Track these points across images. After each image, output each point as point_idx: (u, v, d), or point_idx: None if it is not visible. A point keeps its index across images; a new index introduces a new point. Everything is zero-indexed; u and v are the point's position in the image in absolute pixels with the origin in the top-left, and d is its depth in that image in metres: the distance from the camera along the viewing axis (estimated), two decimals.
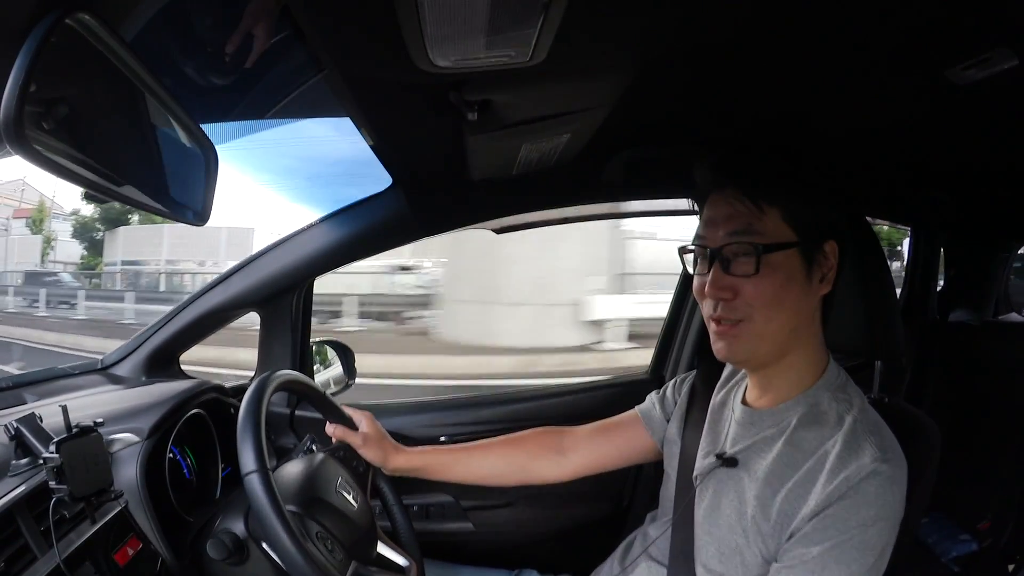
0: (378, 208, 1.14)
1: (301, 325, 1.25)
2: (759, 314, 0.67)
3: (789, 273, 0.67)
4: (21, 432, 0.70)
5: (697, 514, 0.76)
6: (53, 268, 18.12)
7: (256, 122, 0.96)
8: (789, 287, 0.67)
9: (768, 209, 0.68)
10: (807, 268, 0.68)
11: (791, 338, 0.70)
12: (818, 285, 0.70)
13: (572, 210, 1.35)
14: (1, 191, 18.52)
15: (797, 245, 0.67)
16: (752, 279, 0.67)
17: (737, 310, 0.68)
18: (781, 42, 0.74)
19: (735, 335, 0.69)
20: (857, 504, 0.62)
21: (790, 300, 0.68)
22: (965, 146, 1.14)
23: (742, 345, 0.69)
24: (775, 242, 0.67)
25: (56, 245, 19.76)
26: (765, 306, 0.67)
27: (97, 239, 19.38)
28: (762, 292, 0.67)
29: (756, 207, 0.68)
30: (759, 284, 0.67)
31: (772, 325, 0.68)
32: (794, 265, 0.68)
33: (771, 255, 0.66)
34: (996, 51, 0.71)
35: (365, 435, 0.93)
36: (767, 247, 0.66)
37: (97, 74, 0.47)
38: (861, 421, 0.68)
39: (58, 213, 20.59)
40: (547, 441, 0.97)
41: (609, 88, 0.83)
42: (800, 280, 0.68)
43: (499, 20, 0.57)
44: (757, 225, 0.67)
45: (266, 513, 0.67)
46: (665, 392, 0.95)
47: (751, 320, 0.68)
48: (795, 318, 0.69)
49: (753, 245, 0.66)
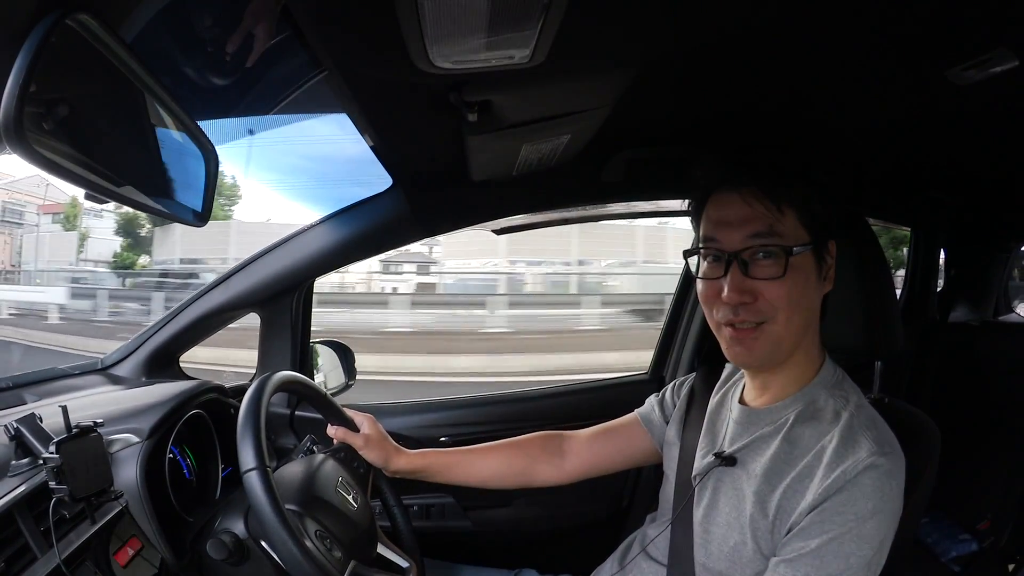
0: (378, 208, 1.14)
1: (301, 325, 1.25)
2: (782, 315, 0.67)
3: (807, 273, 0.68)
4: (21, 432, 0.70)
5: (696, 513, 0.76)
6: (84, 267, 16.90)
7: (256, 122, 0.96)
8: (807, 287, 0.68)
9: (787, 210, 0.67)
10: (818, 268, 0.69)
11: (803, 336, 0.71)
12: (823, 283, 0.71)
13: (572, 210, 1.35)
14: (22, 186, 17.90)
15: (812, 245, 0.68)
16: (776, 282, 0.66)
17: (761, 312, 0.67)
18: (781, 43, 0.74)
19: (755, 338, 0.68)
20: (854, 497, 0.63)
21: (807, 300, 0.69)
22: (965, 146, 1.14)
23: (762, 349, 0.68)
24: (799, 243, 0.66)
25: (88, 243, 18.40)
26: (787, 308, 0.66)
27: (143, 236, 17.95)
28: (787, 294, 0.66)
29: (776, 208, 0.67)
30: (783, 286, 0.66)
31: (792, 326, 0.68)
32: (809, 265, 0.68)
33: (795, 257, 0.66)
34: (996, 51, 0.72)
35: (367, 437, 0.93)
36: (792, 249, 0.66)
37: (97, 74, 0.48)
38: (857, 416, 0.68)
39: (88, 209, 19.40)
40: (548, 444, 0.97)
41: (609, 88, 0.83)
42: (814, 280, 0.69)
43: (499, 21, 0.57)
44: (778, 227, 0.67)
45: (265, 511, 0.67)
46: (664, 395, 0.95)
47: (773, 322, 0.67)
48: (810, 317, 0.71)
49: (782, 248, 0.66)
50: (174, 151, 0.62)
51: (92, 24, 0.43)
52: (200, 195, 0.66)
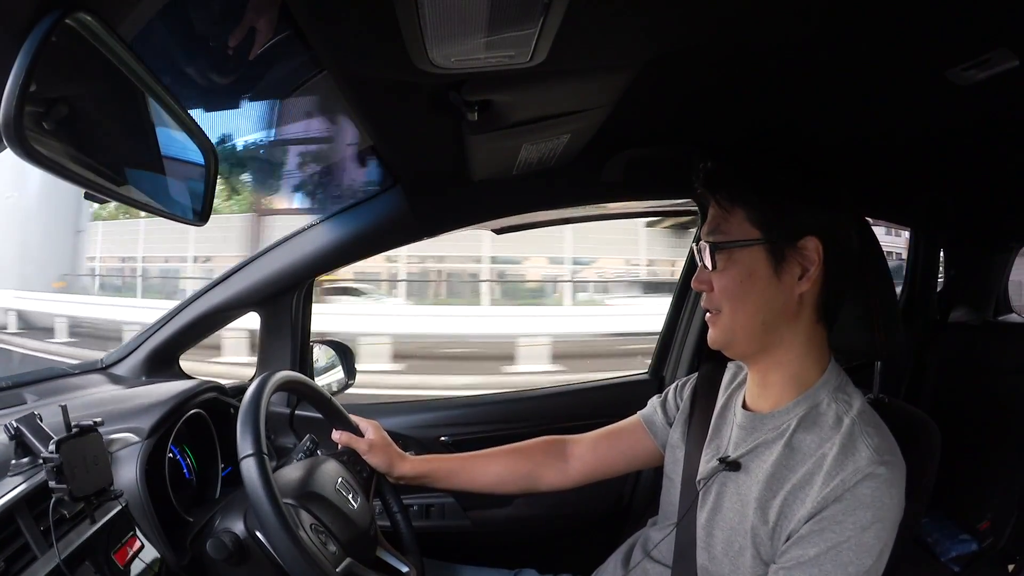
0: (378, 208, 1.14)
1: (301, 325, 1.25)
2: (726, 306, 0.73)
3: (751, 269, 0.71)
4: (21, 432, 0.70)
5: (700, 517, 0.76)
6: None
7: (256, 122, 0.96)
8: (752, 281, 0.71)
9: (732, 209, 0.72)
10: (775, 264, 0.70)
11: (767, 331, 0.72)
12: (795, 282, 0.70)
13: (572, 210, 1.35)
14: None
15: (759, 242, 0.70)
16: (718, 274, 0.72)
17: (712, 302, 0.74)
18: (780, 42, 0.74)
19: (714, 323, 0.75)
20: (853, 507, 0.63)
21: (755, 294, 0.71)
22: (965, 146, 1.14)
23: (718, 335, 0.75)
24: (731, 240, 0.71)
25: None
26: (729, 299, 0.72)
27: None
28: (724, 286, 0.72)
29: (723, 209, 0.73)
30: (720, 278, 0.72)
31: (740, 317, 0.72)
32: (758, 261, 0.70)
33: (729, 251, 0.71)
34: (996, 51, 0.72)
35: (371, 442, 0.94)
36: (721, 245, 0.72)
37: (97, 74, 0.47)
38: (859, 423, 0.68)
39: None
40: (551, 449, 0.98)
41: (609, 88, 0.83)
42: (765, 275, 0.70)
43: (499, 20, 0.57)
44: (724, 225, 0.73)
45: (259, 496, 0.67)
46: (666, 397, 0.95)
47: (723, 312, 0.73)
48: (764, 312, 0.71)
49: (711, 244, 0.72)
50: (174, 150, 0.61)
51: (92, 24, 0.43)
52: (200, 194, 0.65)
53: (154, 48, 0.64)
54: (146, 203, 0.57)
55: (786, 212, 0.70)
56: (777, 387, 0.74)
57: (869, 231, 0.84)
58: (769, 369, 0.74)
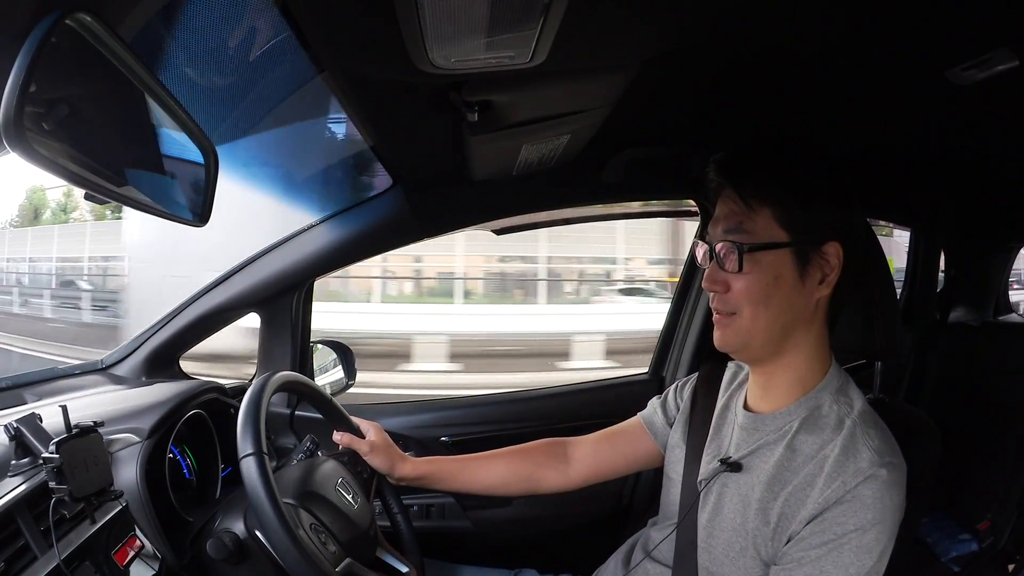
0: (378, 208, 1.14)
1: (301, 325, 1.25)
2: (747, 310, 0.70)
3: (778, 272, 0.68)
4: (21, 432, 0.70)
5: (701, 518, 0.76)
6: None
7: (256, 122, 0.96)
8: (777, 286, 0.68)
9: (759, 208, 0.69)
10: (800, 268, 0.68)
11: (784, 336, 0.71)
12: (816, 286, 0.69)
13: (572, 210, 1.35)
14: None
15: (788, 245, 0.68)
16: (739, 276, 0.69)
17: (728, 303, 0.71)
18: (780, 42, 0.74)
19: (727, 325, 0.72)
20: (854, 508, 0.63)
21: (779, 298, 0.69)
22: (965, 146, 1.14)
23: (732, 338, 0.72)
24: (760, 242, 0.68)
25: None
26: (752, 303, 0.69)
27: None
28: (748, 289, 0.69)
29: (747, 206, 0.70)
30: (745, 281, 0.69)
31: (760, 322, 0.69)
32: (784, 265, 0.68)
33: (756, 254, 0.68)
34: (996, 51, 0.72)
35: (372, 443, 0.94)
36: (751, 247, 0.68)
37: (97, 74, 0.47)
38: (860, 424, 0.68)
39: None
40: (553, 451, 0.97)
41: (609, 88, 0.83)
42: (791, 280, 0.69)
43: (499, 21, 0.57)
44: (747, 224, 0.69)
45: (259, 495, 0.67)
46: (667, 397, 0.95)
47: (740, 315, 0.70)
48: (785, 316, 0.70)
49: (736, 244, 0.69)
50: (174, 151, 0.61)
51: (92, 24, 0.43)
52: (200, 195, 0.65)
53: (154, 48, 0.64)
54: (146, 203, 0.57)
55: (814, 214, 0.69)
56: (781, 389, 0.73)
57: (869, 231, 0.84)
58: (776, 372, 0.73)
